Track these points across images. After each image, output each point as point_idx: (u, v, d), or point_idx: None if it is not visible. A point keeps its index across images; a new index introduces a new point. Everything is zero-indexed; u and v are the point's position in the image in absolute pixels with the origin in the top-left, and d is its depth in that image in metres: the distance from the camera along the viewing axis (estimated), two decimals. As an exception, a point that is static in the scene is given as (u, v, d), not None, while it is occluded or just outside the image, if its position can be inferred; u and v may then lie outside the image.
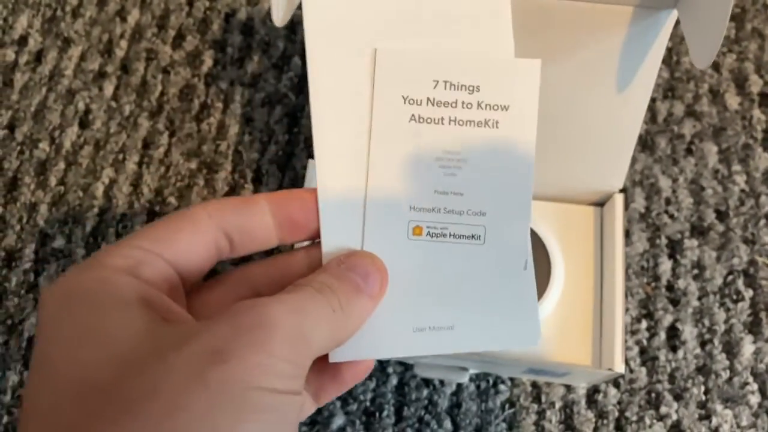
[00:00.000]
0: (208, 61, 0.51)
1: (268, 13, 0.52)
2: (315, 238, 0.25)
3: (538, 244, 0.38)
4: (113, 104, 0.49)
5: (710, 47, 0.28)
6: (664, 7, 0.33)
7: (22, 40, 0.52)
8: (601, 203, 0.40)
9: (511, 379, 0.41)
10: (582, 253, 0.39)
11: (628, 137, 0.37)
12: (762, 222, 0.44)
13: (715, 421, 0.40)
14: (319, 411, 0.40)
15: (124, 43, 0.51)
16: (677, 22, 0.33)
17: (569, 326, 0.38)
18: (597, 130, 0.37)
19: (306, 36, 0.25)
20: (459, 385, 0.41)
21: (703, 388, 0.41)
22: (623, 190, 0.39)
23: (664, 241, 0.44)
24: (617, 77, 0.35)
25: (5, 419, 0.40)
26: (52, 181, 0.47)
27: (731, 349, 0.41)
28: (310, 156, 0.40)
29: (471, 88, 0.26)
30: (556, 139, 0.38)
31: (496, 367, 0.39)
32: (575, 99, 0.36)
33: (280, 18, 0.30)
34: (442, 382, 0.41)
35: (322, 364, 0.24)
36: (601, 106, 0.36)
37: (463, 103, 0.26)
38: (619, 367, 0.34)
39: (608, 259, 0.38)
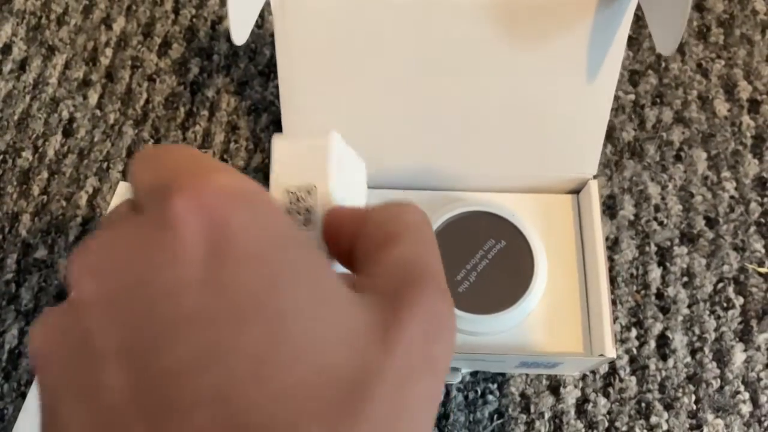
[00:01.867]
0: (194, 69, 0.50)
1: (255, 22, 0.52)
2: None
3: (518, 237, 0.37)
4: (98, 112, 0.49)
5: (674, 31, 0.28)
6: None
7: (6, 49, 0.51)
8: (577, 191, 0.40)
9: (500, 389, 0.40)
10: (563, 241, 0.39)
11: (599, 123, 0.37)
12: (752, 229, 0.44)
13: (706, 430, 0.39)
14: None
15: (109, 51, 0.51)
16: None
17: (557, 316, 0.37)
18: (567, 118, 0.37)
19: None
20: (447, 395, 0.40)
21: (693, 398, 0.40)
22: (597, 176, 0.39)
23: (653, 248, 0.44)
24: (583, 64, 0.35)
25: (-15, 433, 0.40)
26: (35, 190, 0.46)
27: (722, 358, 0.41)
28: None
29: None
30: (527, 130, 0.37)
31: (487, 364, 0.38)
32: (543, 88, 0.36)
33: (239, 36, 0.30)
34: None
35: None
36: (569, 94, 0.36)
37: None
38: (611, 352, 0.34)
39: (588, 244, 0.37)
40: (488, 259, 0.37)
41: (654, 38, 0.30)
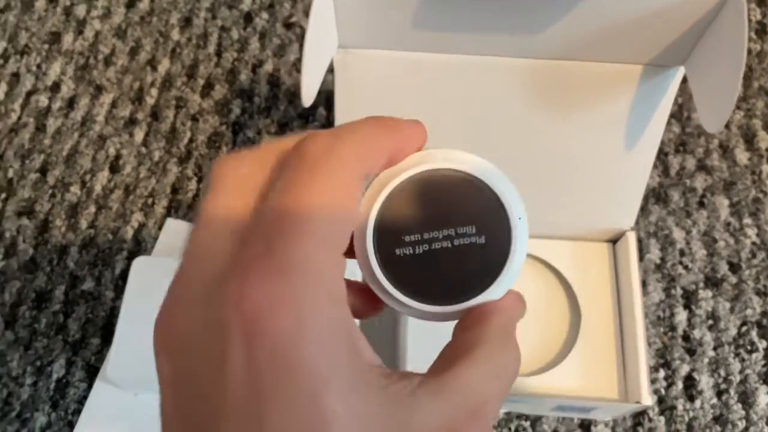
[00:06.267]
0: (235, 110, 0.52)
1: (294, 65, 0.54)
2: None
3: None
4: (143, 150, 0.51)
5: (722, 111, 0.29)
6: (672, 65, 0.35)
7: (56, 87, 0.53)
8: (613, 240, 0.42)
9: (533, 427, 0.42)
10: (599, 288, 0.41)
11: (638, 181, 0.39)
12: (773, 274, 0.46)
13: (732, 471, 0.41)
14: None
15: (154, 91, 0.53)
16: (686, 78, 0.35)
17: (593, 361, 0.39)
18: (608, 176, 0.39)
19: None
20: None
21: (720, 438, 0.41)
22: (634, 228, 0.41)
23: (679, 291, 0.45)
24: (627, 129, 0.37)
25: (32, 461, 0.41)
26: (83, 224, 0.48)
27: (747, 399, 0.42)
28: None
29: None
30: (571, 185, 0.39)
31: (524, 406, 0.40)
32: (588, 149, 0.38)
33: (308, 98, 0.30)
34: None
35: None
36: (612, 156, 0.38)
37: None
38: (647, 400, 0.35)
39: (625, 293, 0.39)
40: None
41: (700, 115, 0.31)
